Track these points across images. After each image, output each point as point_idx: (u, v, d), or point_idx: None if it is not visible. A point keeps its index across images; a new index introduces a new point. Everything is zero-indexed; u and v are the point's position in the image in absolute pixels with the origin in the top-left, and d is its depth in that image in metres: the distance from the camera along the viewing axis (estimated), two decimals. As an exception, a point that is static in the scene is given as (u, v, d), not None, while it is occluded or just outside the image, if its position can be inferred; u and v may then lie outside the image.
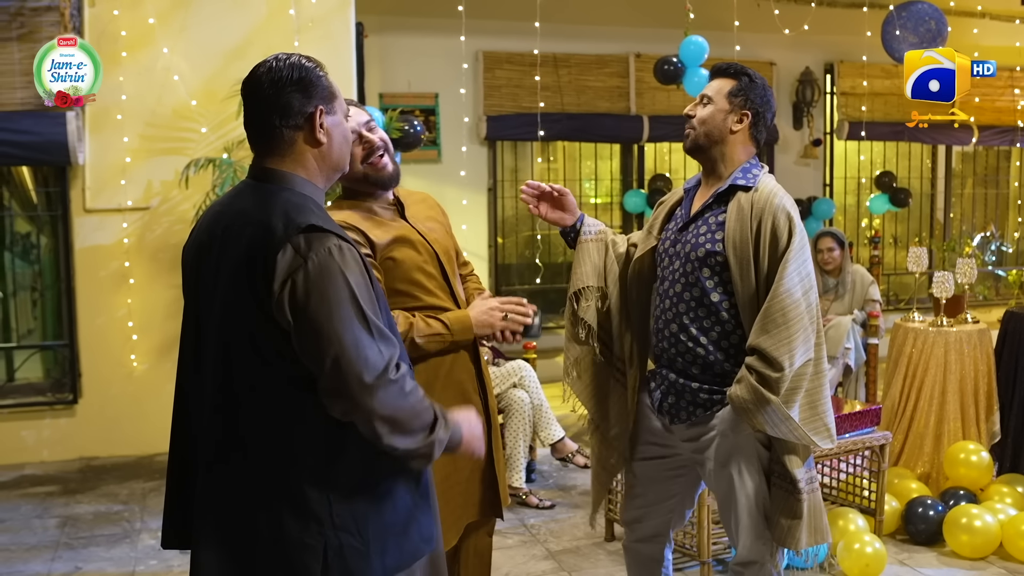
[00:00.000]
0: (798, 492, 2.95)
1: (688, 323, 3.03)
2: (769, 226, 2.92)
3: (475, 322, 3.01)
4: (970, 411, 5.24)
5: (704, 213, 3.07)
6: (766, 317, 2.85)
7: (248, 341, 2.11)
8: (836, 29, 9.20)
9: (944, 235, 10.41)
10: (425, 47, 8.21)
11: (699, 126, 3.09)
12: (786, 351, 2.83)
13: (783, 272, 2.86)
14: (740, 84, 3.08)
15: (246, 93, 2.23)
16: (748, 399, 2.85)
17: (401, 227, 3.03)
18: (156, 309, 6.34)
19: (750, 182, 3.01)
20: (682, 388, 3.07)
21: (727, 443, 3.01)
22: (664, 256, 3.15)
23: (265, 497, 2.12)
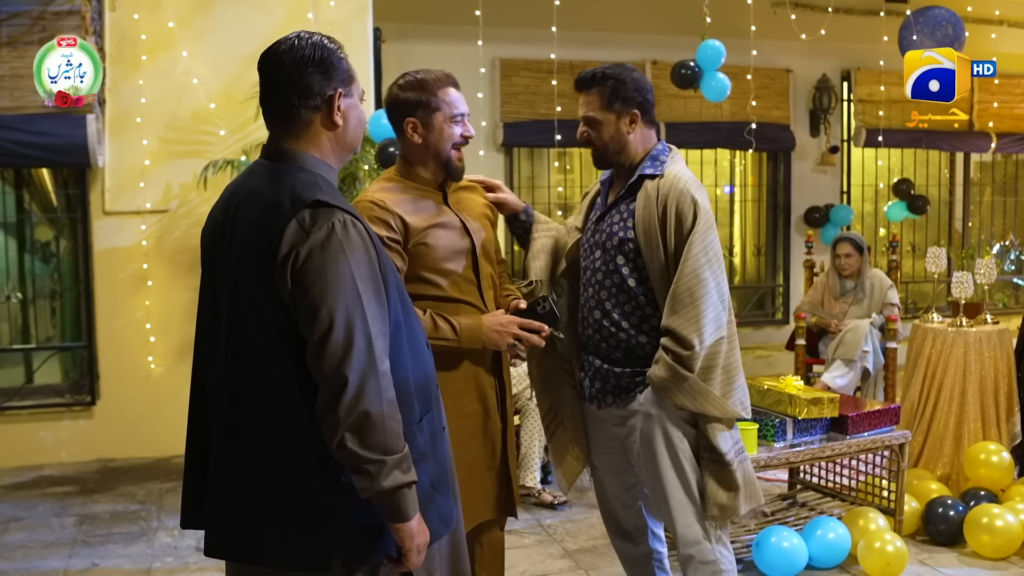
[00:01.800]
0: (728, 463, 3.06)
1: (610, 308, 3.15)
2: (674, 210, 3.03)
3: (486, 337, 2.99)
4: (990, 412, 5.20)
5: (618, 203, 3.18)
6: (674, 298, 2.99)
7: (256, 317, 2.11)
8: (853, 36, 9.20)
9: (963, 243, 10.36)
10: (442, 53, 8.20)
11: (600, 145, 3.17)
12: (694, 330, 2.96)
13: (688, 253, 2.99)
14: (608, 90, 3.11)
15: (265, 69, 2.24)
16: (665, 377, 3.00)
17: (443, 213, 3.02)
18: (174, 311, 6.36)
19: (657, 170, 3.11)
20: (607, 373, 3.18)
21: (651, 423, 3.11)
22: (586, 246, 3.26)
23: (275, 475, 2.12)
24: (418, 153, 3.02)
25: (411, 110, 2.98)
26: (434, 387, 2.37)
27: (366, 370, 2.02)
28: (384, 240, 2.84)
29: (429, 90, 2.97)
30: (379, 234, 2.82)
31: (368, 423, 2.01)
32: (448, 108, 2.99)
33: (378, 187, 3.02)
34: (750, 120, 8.42)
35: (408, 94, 2.98)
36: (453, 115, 3.00)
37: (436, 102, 2.97)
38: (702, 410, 3.03)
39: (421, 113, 2.97)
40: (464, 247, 3.03)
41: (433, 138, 2.99)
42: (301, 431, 2.09)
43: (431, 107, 2.97)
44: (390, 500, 2.06)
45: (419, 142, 3.00)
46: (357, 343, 2.02)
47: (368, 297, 2.07)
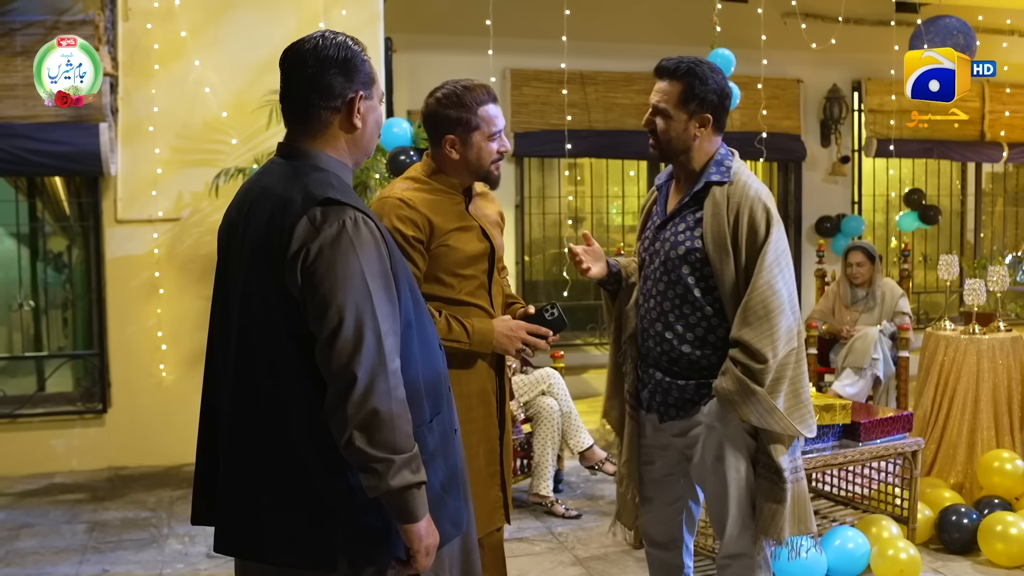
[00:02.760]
0: (783, 481, 2.97)
1: (673, 321, 3.06)
2: (746, 219, 2.95)
3: (496, 341, 3.01)
4: (1004, 419, 5.17)
5: (681, 211, 3.09)
6: (747, 310, 2.90)
7: (267, 313, 2.11)
8: (863, 46, 9.20)
9: (975, 254, 10.32)
10: (453, 64, 8.18)
11: (662, 138, 3.07)
12: (769, 342, 2.89)
13: (762, 264, 2.91)
14: (690, 87, 3.01)
15: (287, 66, 2.24)
16: (733, 391, 2.92)
17: (466, 218, 3.05)
18: (186, 319, 6.37)
19: (724, 176, 3.03)
20: (668, 386, 3.10)
21: (716, 435, 3.04)
22: (645, 256, 3.18)
23: (284, 473, 2.12)
24: (453, 167, 3.03)
25: (450, 127, 2.98)
26: (446, 388, 2.36)
27: (375, 368, 2.01)
28: (409, 239, 2.87)
29: (469, 108, 2.97)
30: (405, 233, 2.86)
31: (377, 421, 2.00)
32: (487, 126, 2.99)
33: (405, 185, 3.01)
34: (760, 130, 8.40)
35: (448, 111, 2.97)
36: (492, 133, 3.00)
37: (475, 120, 2.98)
38: (766, 425, 2.94)
39: (460, 131, 2.98)
40: (483, 251, 3.05)
41: (471, 155, 3.01)
42: (310, 429, 2.08)
43: (470, 125, 2.97)
44: (398, 500, 2.04)
45: (456, 158, 3.01)
46: (367, 340, 2.02)
47: (378, 295, 2.06)
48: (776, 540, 3.00)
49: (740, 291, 2.95)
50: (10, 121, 6.08)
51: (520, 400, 5.40)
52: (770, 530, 2.99)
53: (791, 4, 8.52)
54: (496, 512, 3.14)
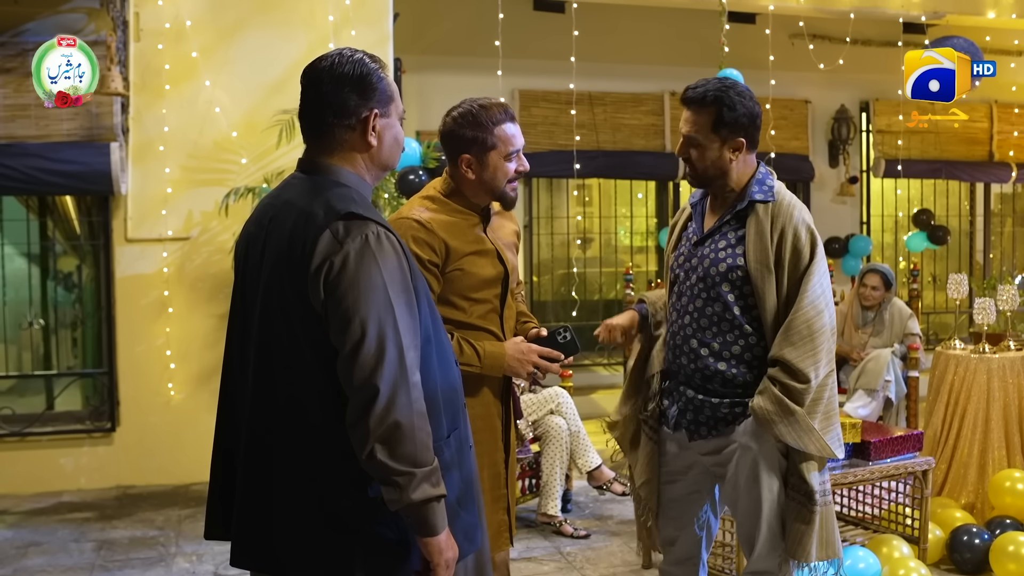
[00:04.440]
0: (813, 504, 2.95)
1: (710, 339, 3.03)
2: (790, 240, 2.94)
3: (507, 365, 2.99)
4: (1015, 439, 5.14)
5: (721, 228, 3.06)
6: (790, 329, 2.89)
7: (288, 326, 2.12)
8: (871, 66, 9.22)
9: (984, 274, 10.30)
10: (462, 84, 8.22)
11: (699, 166, 3.05)
12: (812, 363, 2.88)
13: (807, 285, 2.91)
14: (720, 115, 2.99)
15: (305, 84, 2.25)
16: (772, 410, 2.89)
17: (482, 241, 3.03)
18: (195, 338, 6.39)
19: (768, 195, 3.02)
20: (701, 404, 3.06)
21: (751, 455, 3.00)
22: (679, 272, 3.15)
23: (303, 487, 2.12)
24: (470, 187, 3.02)
25: (467, 147, 2.97)
26: (461, 404, 2.37)
27: (397, 381, 2.02)
28: (424, 263, 2.85)
29: (486, 128, 2.95)
30: (420, 256, 2.84)
31: (398, 434, 2.00)
32: (504, 146, 2.97)
33: (422, 206, 2.99)
34: (769, 151, 8.42)
35: (465, 131, 2.96)
36: (508, 153, 2.98)
37: (492, 140, 2.96)
38: (801, 446, 2.91)
39: (476, 151, 2.96)
40: (497, 276, 3.03)
41: (487, 175, 2.98)
42: (330, 442, 2.09)
43: (487, 145, 2.95)
44: (419, 513, 2.05)
45: (472, 178, 2.99)
46: (389, 354, 2.02)
47: (400, 308, 2.07)
48: (803, 562, 2.98)
49: (780, 310, 2.94)
50: (22, 141, 6.12)
51: (529, 419, 5.39)
52: (798, 552, 2.97)
53: (799, 25, 8.56)
54: (501, 535, 3.12)
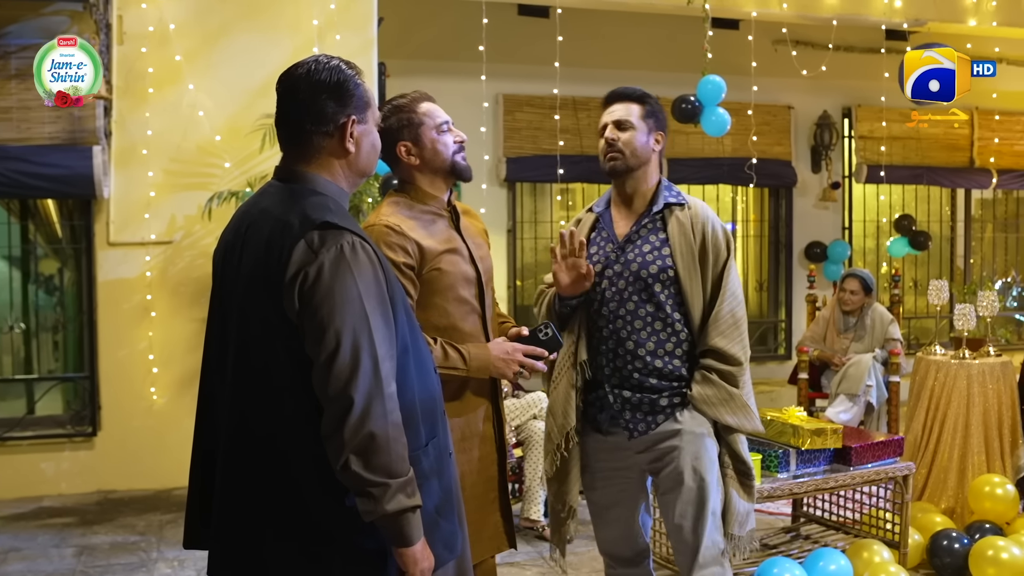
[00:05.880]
0: (751, 478, 3.22)
1: (645, 338, 3.17)
2: (711, 239, 3.19)
3: (493, 366, 2.98)
4: (994, 444, 5.18)
5: (640, 232, 3.22)
6: (718, 320, 3.15)
7: (264, 336, 2.12)
8: (854, 73, 9.27)
9: (964, 279, 10.36)
10: (446, 89, 8.19)
11: (626, 149, 3.21)
12: (740, 348, 3.16)
13: (727, 279, 3.18)
14: (649, 107, 3.25)
15: (282, 91, 2.25)
16: (711, 394, 3.12)
17: (454, 239, 3.02)
18: (177, 342, 6.37)
19: (680, 199, 3.24)
20: (639, 401, 3.17)
21: (693, 441, 3.15)
22: (601, 279, 3.22)
23: (280, 497, 2.11)
24: (421, 174, 3.01)
25: (397, 135, 2.97)
26: (440, 412, 2.36)
27: (372, 391, 2.02)
28: (400, 266, 2.83)
29: (407, 109, 2.97)
30: (395, 260, 2.83)
31: (373, 445, 2.00)
32: (431, 120, 2.99)
33: (391, 210, 2.98)
34: (751, 156, 8.46)
35: (389, 122, 2.96)
36: (438, 124, 2.99)
37: (418, 118, 2.97)
38: (739, 425, 3.15)
39: (407, 134, 2.96)
40: (471, 276, 3.03)
41: (428, 154, 2.98)
42: (306, 453, 2.08)
43: (415, 123, 2.96)
44: (393, 524, 2.05)
45: (417, 162, 2.98)
46: (363, 364, 2.02)
47: (375, 319, 2.07)
48: (741, 534, 3.19)
49: (705, 305, 3.17)
50: (4, 144, 6.10)
51: (512, 424, 5.39)
52: (745, 525, 3.20)
53: (781, 32, 8.60)
54: (496, 538, 3.10)
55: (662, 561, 4.48)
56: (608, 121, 3.24)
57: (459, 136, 3.04)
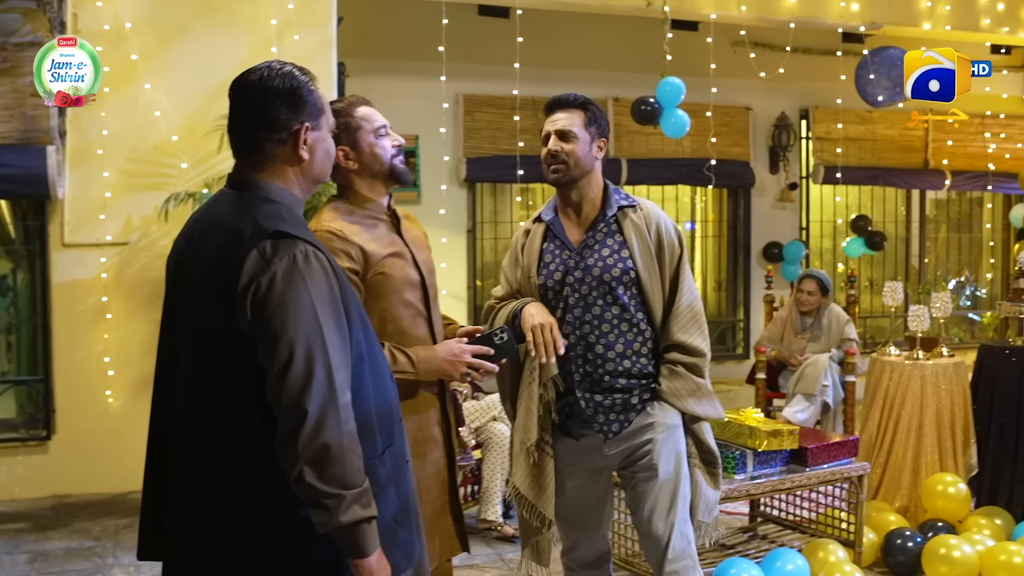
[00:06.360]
0: (717, 466, 3.29)
1: (613, 340, 3.19)
2: (666, 237, 3.25)
3: (440, 369, 2.97)
4: (947, 444, 5.26)
5: (595, 236, 3.23)
6: (679, 315, 3.22)
7: (216, 347, 2.09)
8: (811, 75, 9.37)
9: (919, 279, 10.51)
10: (406, 89, 8.28)
11: (569, 160, 3.21)
12: (702, 339, 3.24)
13: (683, 275, 3.25)
14: (591, 114, 3.26)
15: (234, 98, 2.23)
16: (680, 386, 3.21)
17: (397, 242, 3.00)
18: (133, 345, 6.30)
19: (630, 201, 3.28)
20: (612, 404, 3.19)
21: (665, 432, 3.20)
22: (562, 287, 3.22)
23: (234, 509, 2.09)
24: (360, 179, 3.00)
25: (335, 140, 2.95)
26: (397, 419, 2.35)
27: (326, 402, 2.00)
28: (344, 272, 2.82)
29: (344, 114, 2.95)
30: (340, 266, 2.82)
31: (327, 456, 1.99)
32: (368, 124, 2.98)
33: (332, 215, 2.95)
34: (710, 157, 8.52)
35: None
36: (376, 128, 2.98)
37: (355, 122, 2.96)
38: (706, 414, 3.24)
39: (345, 138, 2.95)
40: (416, 279, 3.01)
41: (367, 158, 2.97)
42: (260, 463, 2.06)
43: (353, 128, 2.95)
44: (349, 535, 2.03)
45: (355, 167, 2.97)
46: (317, 375, 2.01)
47: (329, 328, 2.05)
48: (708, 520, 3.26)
49: (665, 301, 3.23)
50: (-45, 143, 6.00)
51: (471, 426, 5.39)
52: (712, 514, 3.27)
53: (740, 34, 8.67)
54: (449, 541, 3.11)
55: (620, 563, 4.51)
56: (551, 130, 3.24)
57: (397, 140, 3.04)
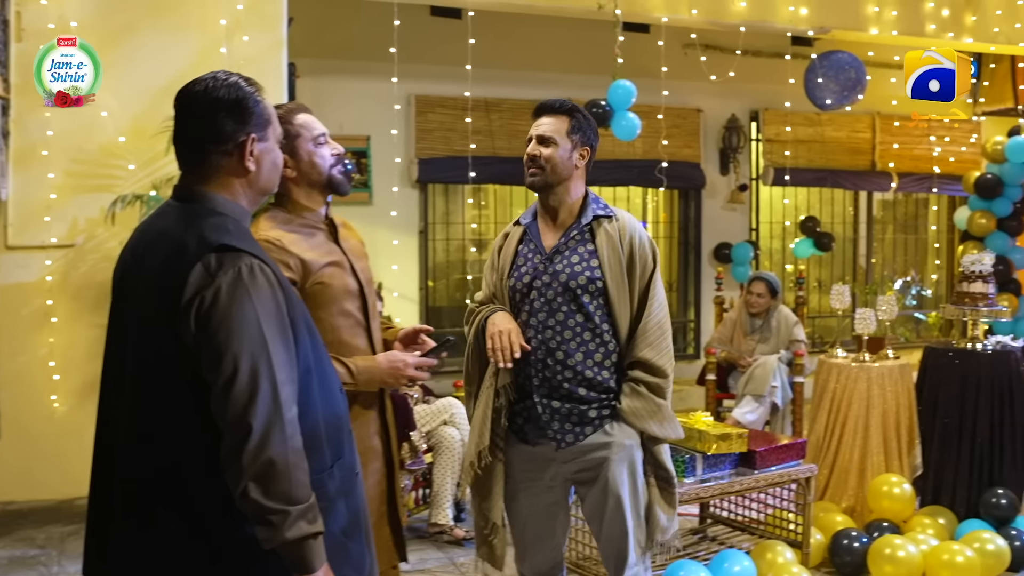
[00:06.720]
0: (673, 486, 3.26)
1: (574, 349, 3.16)
2: (639, 251, 3.23)
3: (380, 379, 2.96)
4: (892, 445, 5.34)
5: (568, 243, 3.22)
6: (647, 331, 3.19)
7: (161, 361, 2.07)
8: (761, 77, 9.45)
9: (866, 279, 10.67)
10: (357, 89, 8.25)
11: (547, 165, 3.20)
12: (667, 359, 3.20)
13: (655, 290, 3.23)
14: (576, 122, 3.24)
15: (179, 109, 2.21)
16: (640, 406, 3.15)
17: (335, 252, 2.98)
18: (79, 349, 6.20)
19: (607, 211, 3.26)
20: (568, 412, 3.17)
21: (623, 452, 3.18)
22: (529, 290, 3.22)
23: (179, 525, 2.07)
24: (298, 188, 2.96)
25: None
26: (347, 431, 2.34)
27: (271, 417, 1.99)
28: None
29: (283, 121, 2.87)
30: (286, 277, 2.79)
31: (272, 472, 1.97)
32: (308, 132, 2.95)
33: (269, 224, 2.92)
34: (661, 158, 8.58)
35: None
36: (315, 136, 2.96)
37: (295, 129, 2.92)
38: (664, 435, 3.20)
39: (283, 146, 2.87)
40: (354, 288, 2.99)
41: (305, 167, 2.94)
42: (206, 478, 2.04)
43: (291, 136, 2.90)
44: (294, 551, 2.01)
45: (293, 175, 2.93)
46: (262, 390, 1.99)
47: (275, 343, 2.04)
48: (664, 540, 3.24)
49: (633, 315, 3.19)
50: None
51: (423, 430, 5.38)
52: (667, 531, 3.24)
53: (691, 37, 8.73)
54: (387, 551, 3.09)
55: (571, 566, 4.52)
56: (534, 134, 3.23)
57: (336, 148, 3.01)
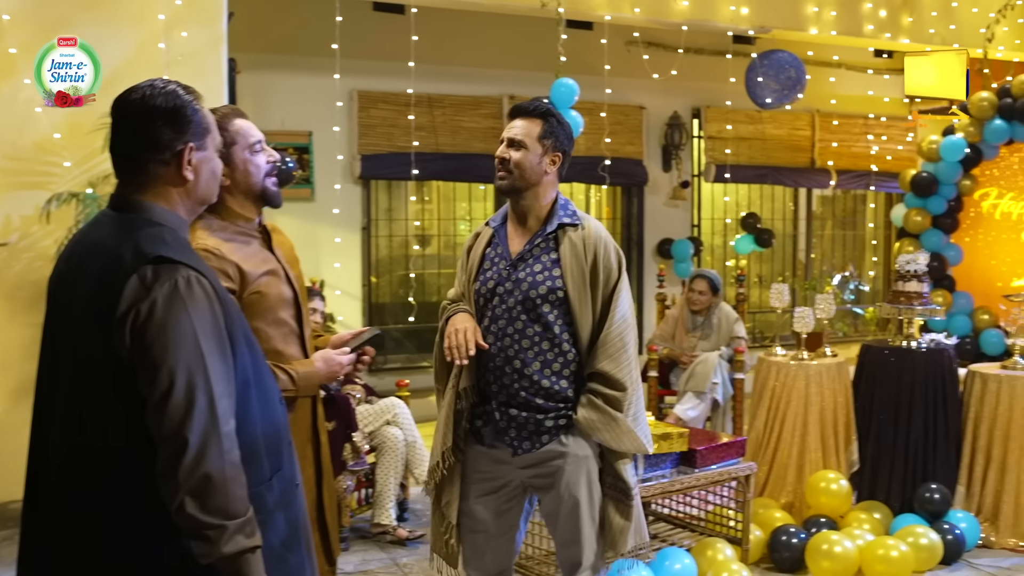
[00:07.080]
0: (630, 498, 3.19)
1: (532, 358, 3.13)
2: (603, 261, 3.15)
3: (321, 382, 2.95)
4: (830, 441, 5.43)
5: (532, 251, 3.18)
6: (607, 343, 3.12)
7: (95, 374, 2.04)
8: (702, 75, 9.53)
9: (806, 274, 10.83)
10: (299, 85, 8.18)
11: (515, 170, 3.16)
12: (627, 372, 3.13)
13: (617, 302, 3.15)
14: (549, 126, 3.17)
15: (115, 117, 2.16)
16: (596, 419, 3.10)
17: (270, 260, 2.95)
18: (13, 349, 6.07)
19: (574, 219, 3.20)
20: (525, 420, 3.15)
21: (578, 463, 3.16)
22: (492, 296, 3.21)
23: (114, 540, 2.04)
24: (231, 195, 2.90)
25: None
26: (287, 443, 2.32)
27: (208, 431, 1.96)
28: None
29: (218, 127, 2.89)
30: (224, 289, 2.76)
31: (209, 486, 1.95)
32: (243, 139, 2.90)
33: (205, 233, 2.86)
34: (604, 155, 8.61)
35: None
36: (251, 144, 2.91)
37: (230, 136, 2.85)
38: (621, 447, 3.14)
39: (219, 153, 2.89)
40: (289, 296, 2.97)
41: (240, 175, 2.89)
42: (142, 493, 2.01)
43: (226, 143, 2.81)
44: (232, 566, 1.99)
45: (227, 183, 2.84)
46: (199, 403, 1.97)
47: (212, 356, 2.01)
48: (619, 553, 3.18)
49: (595, 326, 3.13)
50: None
51: (365, 430, 5.36)
52: (619, 544, 3.17)
53: (634, 35, 8.77)
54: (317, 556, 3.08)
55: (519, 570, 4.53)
56: (505, 137, 3.19)
57: (272, 156, 2.96)
